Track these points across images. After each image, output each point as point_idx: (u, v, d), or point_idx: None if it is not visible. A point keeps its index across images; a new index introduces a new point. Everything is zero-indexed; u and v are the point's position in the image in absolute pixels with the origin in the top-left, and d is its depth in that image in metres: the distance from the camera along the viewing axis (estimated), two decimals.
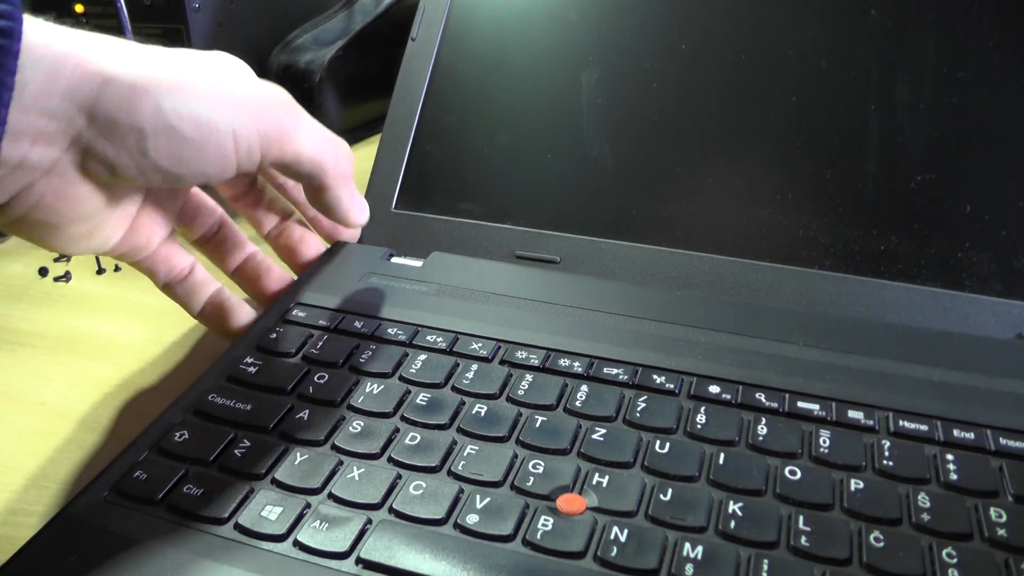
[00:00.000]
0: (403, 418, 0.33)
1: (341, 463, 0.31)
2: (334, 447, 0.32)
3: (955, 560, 0.27)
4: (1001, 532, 0.28)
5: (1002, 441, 0.32)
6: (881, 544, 0.28)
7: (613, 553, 0.27)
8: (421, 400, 0.34)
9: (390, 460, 0.31)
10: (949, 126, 0.40)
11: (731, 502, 0.29)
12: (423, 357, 0.36)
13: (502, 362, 0.36)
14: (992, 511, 0.29)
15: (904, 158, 0.40)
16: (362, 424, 0.33)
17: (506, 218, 0.44)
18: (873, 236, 0.40)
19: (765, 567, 0.27)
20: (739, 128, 0.42)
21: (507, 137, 0.46)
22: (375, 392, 0.34)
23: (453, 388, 0.34)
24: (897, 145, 0.41)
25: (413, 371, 0.35)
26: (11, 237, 0.57)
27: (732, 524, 0.28)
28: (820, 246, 0.40)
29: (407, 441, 0.32)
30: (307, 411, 0.33)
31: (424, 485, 0.30)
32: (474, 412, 0.33)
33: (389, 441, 0.32)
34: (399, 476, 0.30)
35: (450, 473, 0.30)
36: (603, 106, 0.44)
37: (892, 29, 0.42)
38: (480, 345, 0.36)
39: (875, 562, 0.27)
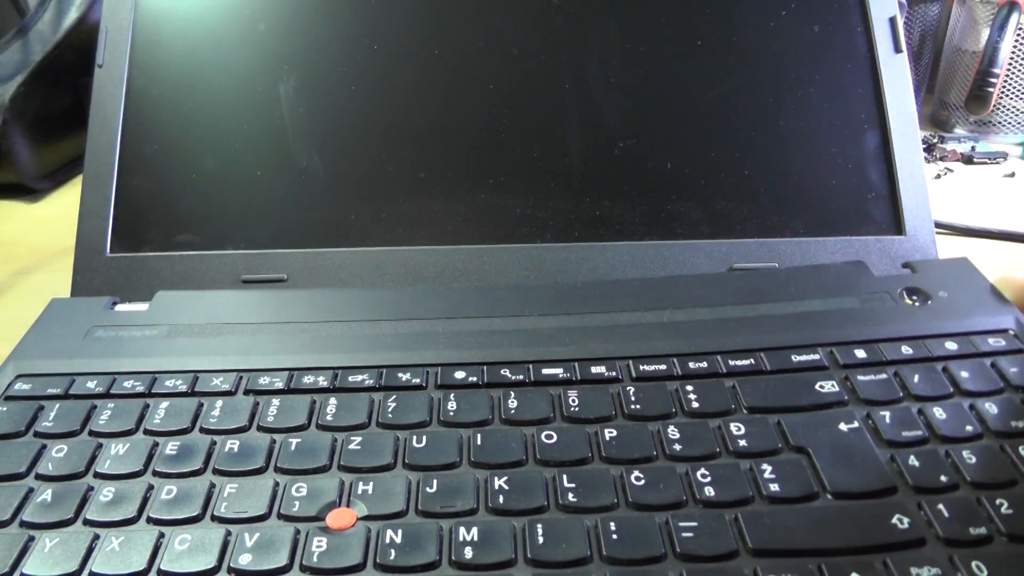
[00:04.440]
0: (155, 472, 0.32)
1: (98, 537, 0.29)
2: (87, 522, 0.30)
3: (708, 478, 0.30)
4: (743, 443, 0.32)
5: (731, 362, 0.35)
6: (642, 482, 0.30)
7: (391, 557, 0.28)
8: (171, 450, 0.32)
9: (149, 520, 0.30)
10: (640, 94, 0.44)
11: (496, 478, 0.30)
12: (165, 405, 0.34)
13: (247, 392, 0.35)
14: (733, 426, 0.32)
15: (604, 129, 0.43)
16: (113, 489, 0.31)
17: (227, 243, 0.43)
18: (587, 204, 0.42)
19: (540, 531, 0.28)
20: (443, 120, 0.43)
21: (214, 159, 0.44)
22: (121, 452, 0.33)
23: (202, 430, 0.33)
24: (595, 118, 0.43)
25: (157, 421, 0.34)
26: None
27: (501, 499, 0.29)
28: (539, 221, 0.42)
29: (164, 496, 0.30)
30: (50, 491, 0.31)
31: (190, 537, 0.29)
32: (227, 449, 0.32)
33: (145, 500, 0.31)
34: (162, 535, 0.29)
35: (214, 518, 0.30)
36: (306, 115, 0.44)
37: (575, 12, 0.44)
38: (221, 380, 0.35)
39: (639, 499, 0.29)
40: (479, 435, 0.32)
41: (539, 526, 0.28)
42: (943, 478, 0.30)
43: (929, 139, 0.84)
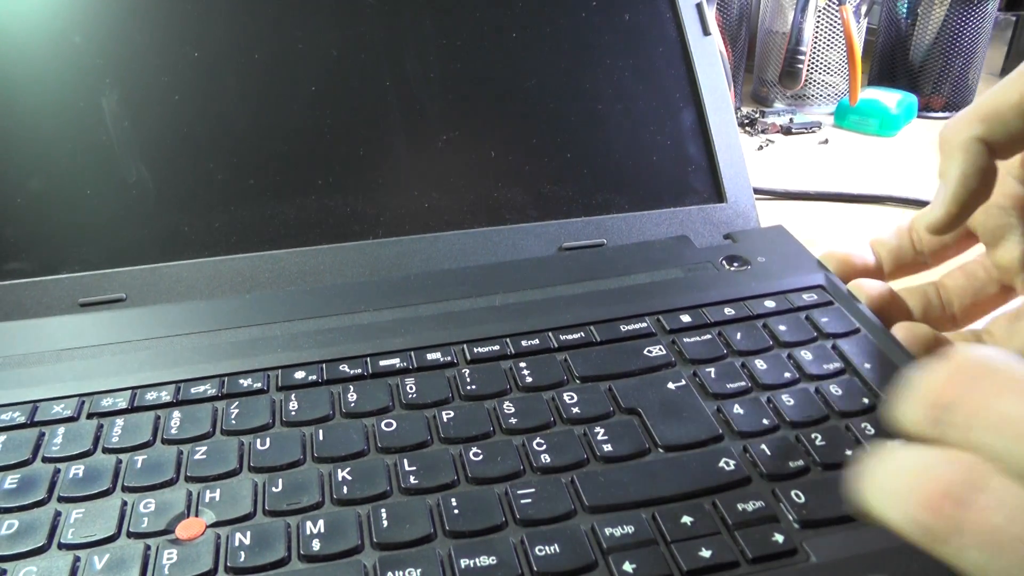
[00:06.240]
0: None
1: None
2: None
3: (544, 446, 0.32)
4: (576, 410, 0.33)
5: (562, 337, 0.37)
6: (480, 457, 0.31)
7: (242, 559, 0.28)
8: (10, 484, 0.32)
9: None
10: (459, 87, 0.45)
11: (339, 471, 0.31)
12: (2, 439, 0.34)
13: (90, 415, 0.35)
14: (566, 396, 0.34)
15: (427, 123, 0.45)
16: None
17: (61, 267, 0.42)
18: (416, 197, 0.44)
19: (384, 515, 0.29)
20: (269, 125, 0.44)
21: (39, 181, 0.43)
22: None
23: (44, 459, 0.33)
24: (418, 112, 0.45)
25: None
26: None
27: (345, 489, 0.30)
28: (370, 218, 0.43)
29: (3, 531, 0.30)
30: None
31: (35, 569, 0.28)
32: (71, 476, 0.32)
33: None
34: (4, 572, 0.29)
35: (61, 546, 0.29)
36: (131, 128, 0.44)
37: (390, 11, 0.45)
38: (63, 406, 0.35)
39: (478, 473, 0.31)
40: (320, 431, 0.33)
41: (383, 511, 0.29)
42: (765, 422, 0.33)
43: (751, 114, 0.90)
